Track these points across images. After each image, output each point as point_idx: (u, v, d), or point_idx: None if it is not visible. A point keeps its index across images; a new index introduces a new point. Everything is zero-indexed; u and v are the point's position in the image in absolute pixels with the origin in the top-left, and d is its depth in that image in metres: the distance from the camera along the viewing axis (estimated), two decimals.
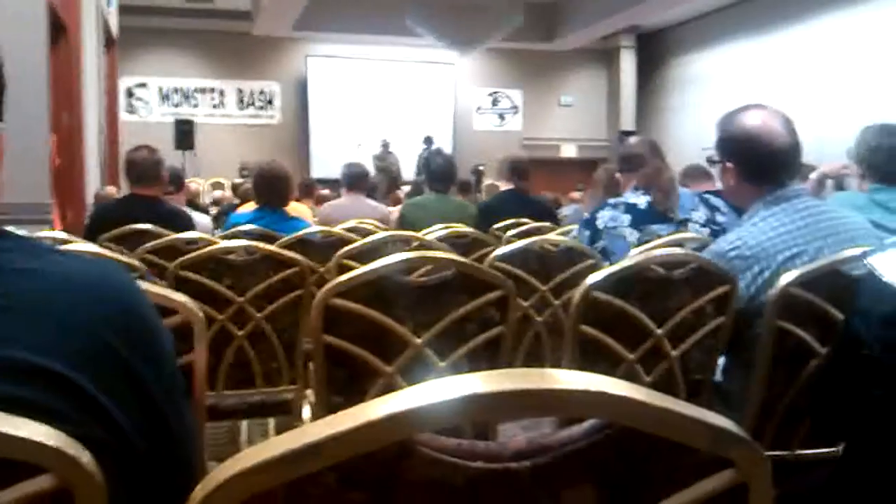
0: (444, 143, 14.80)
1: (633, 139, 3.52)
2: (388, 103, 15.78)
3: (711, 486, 0.66)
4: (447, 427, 0.60)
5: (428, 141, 13.93)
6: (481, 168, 12.19)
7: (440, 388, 0.59)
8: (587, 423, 0.63)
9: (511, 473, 0.62)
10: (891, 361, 1.02)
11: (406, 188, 10.14)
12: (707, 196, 3.11)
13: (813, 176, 3.93)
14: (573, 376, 0.61)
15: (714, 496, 0.66)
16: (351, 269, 2.18)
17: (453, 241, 3.39)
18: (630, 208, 2.91)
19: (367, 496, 0.59)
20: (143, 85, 15.03)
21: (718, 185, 3.93)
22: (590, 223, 2.96)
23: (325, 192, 8.43)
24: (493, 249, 2.79)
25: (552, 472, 0.62)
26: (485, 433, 1.66)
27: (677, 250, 2.05)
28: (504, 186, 5.07)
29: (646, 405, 0.61)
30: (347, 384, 1.75)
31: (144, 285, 1.29)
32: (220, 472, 0.57)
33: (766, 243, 1.95)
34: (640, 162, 3.15)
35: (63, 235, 3.00)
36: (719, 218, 2.96)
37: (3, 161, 0.91)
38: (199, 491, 0.57)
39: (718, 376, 2.07)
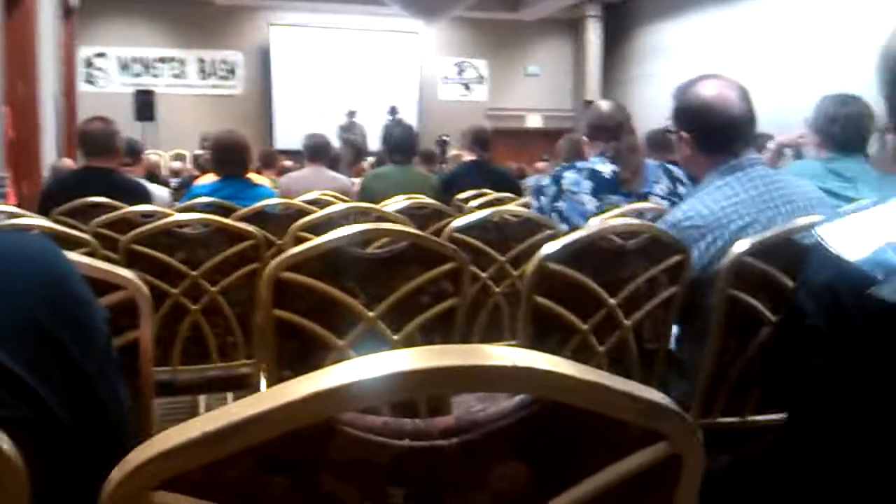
0: (410, 114, 14.68)
1: (603, 104, 3.31)
2: (352, 73, 15.59)
3: (643, 460, 0.66)
4: (396, 403, 0.59)
5: (392, 111, 13.80)
6: (446, 139, 12.10)
7: (366, 366, 0.58)
8: (516, 399, 0.62)
9: (438, 451, 0.61)
10: (829, 330, 1.02)
11: (371, 159, 10.05)
12: (670, 167, 3.10)
13: (771, 146, 3.95)
14: (502, 352, 0.60)
15: (647, 469, 0.66)
16: (308, 241, 2.16)
17: (413, 213, 3.36)
18: (593, 175, 2.90)
19: (288, 478, 0.58)
20: (102, 55, 14.70)
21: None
22: (555, 181, 2.95)
23: (289, 163, 8.34)
24: (454, 221, 2.78)
25: (480, 448, 0.62)
26: (438, 407, 1.66)
27: (632, 220, 2.05)
28: (467, 157, 5.05)
29: (572, 379, 0.60)
30: (299, 358, 1.73)
31: (87, 260, 1.26)
32: (136, 455, 0.55)
33: (719, 213, 1.95)
34: (613, 134, 3.07)
35: (12, 209, 2.94)
36: (680, 189, 2.97)
37: None
38: (115, 474, 0.56)
39: (672, 345, 2.08)
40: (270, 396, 0.56)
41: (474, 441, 0.61)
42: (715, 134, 2.06)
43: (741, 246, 1.80)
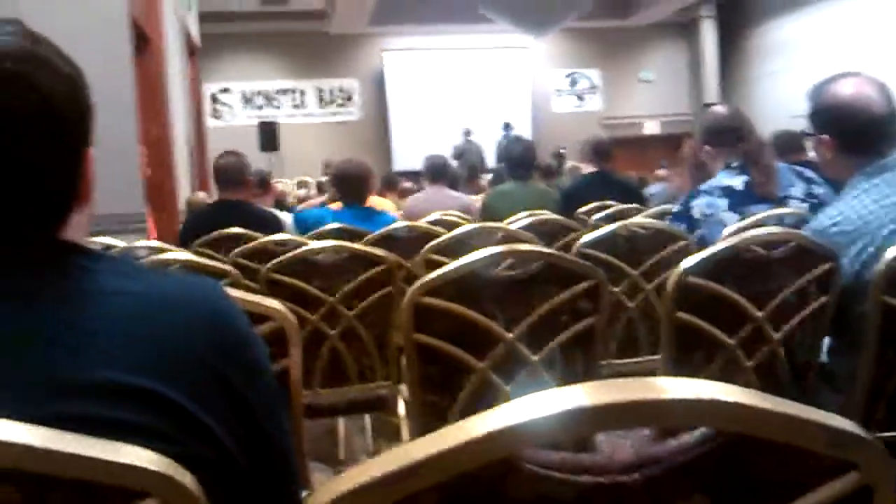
0: (524, 128, 14.69)
1: (718, 108, 3.18)
2: (465, 92, 15.75)
3: (833, 491, 0.62)
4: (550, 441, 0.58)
5: (507, 127, 13.84)
6: (563, 151, 12.04)
7: (542, 402, 0.57)
8: (697, 432, 0.60)
9: (621, 487, 0.60)
10: None
11: (488, 176, 10.09)
12: (801, 169, 2.96)
13: None
14: (678, 384, 0.58)
15: (836, 501, 0.63)
16: (438, 263, 2.17)
17: (538, 229, 3.34)
18: (726, 191, 2.74)
19: None
20: (226, 90, 15.37)
21: (811, 155, 3.75)
22: (683, 215, 2.80)
23: (408, 185, 8.46)
24: (580, 235, 2.74)
25: (664, 484, 0.60)
26: (583, 441, 1.63)
27: (775, 229, 1.97)
28: (587, 169, 5.00)
29: (757, 410, 0.57)
30: (441, 382, 1.74)
31: (237, 293, 1.30)
32: (320, 496, 0.56)
33: (869, 217, 1.86)
34: (738, 136, 2.92)
35: (158, 244, 3.08)
36: (816, 190, 2.82)
37: (97, 176, 0.92)
38: None
39: (824, 357, 1.99)
40: (448, 435, 0.56)
41: (657, 476, 0.60)
42: (857, 135, 1.97)
43: (894, 251, 1.71)
